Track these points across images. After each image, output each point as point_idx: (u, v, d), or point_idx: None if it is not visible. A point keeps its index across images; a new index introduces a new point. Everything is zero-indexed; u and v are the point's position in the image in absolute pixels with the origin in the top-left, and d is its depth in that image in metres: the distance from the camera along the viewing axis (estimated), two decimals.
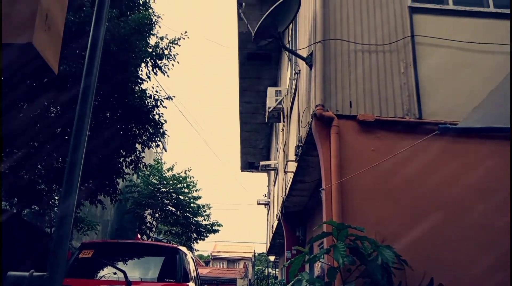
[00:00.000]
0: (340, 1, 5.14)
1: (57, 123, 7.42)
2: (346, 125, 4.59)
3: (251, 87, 12.94)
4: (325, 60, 4.83)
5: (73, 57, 6.82)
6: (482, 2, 5.18)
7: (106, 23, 2.50)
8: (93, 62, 2.27)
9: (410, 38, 4.95)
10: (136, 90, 8.07)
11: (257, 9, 9.84)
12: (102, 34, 2.34)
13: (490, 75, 4.61)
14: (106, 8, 2.41)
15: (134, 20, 7.31)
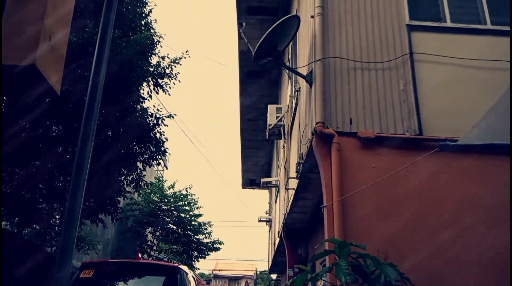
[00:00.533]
0: (339, 20, 5.21)
1: (59, 142, 7.45)
2: (347, 142, 4.61)
3: (252, 104, 13.01)
4: (324, 78, 4.88)
5: (75, 77, 6.89)
6: (479, 20, 5.25)
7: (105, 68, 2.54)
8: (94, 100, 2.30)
9: (408, 55, 5.00)
10: (138, 108, 8.13)
11: (257, 28, 9.97)
12: (102, 79, 2.38)
13: (489, 91, 4.64)
14: (107, 51, 2.45)
15: (136, 41, 7.41)
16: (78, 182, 2.00)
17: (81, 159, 2.03)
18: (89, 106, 2.19)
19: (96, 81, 2.33)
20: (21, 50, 3.00)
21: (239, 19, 9.64)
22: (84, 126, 2.14)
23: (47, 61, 3.17)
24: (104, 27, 2.45)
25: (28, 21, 3.09)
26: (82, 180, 2.02)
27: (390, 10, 5.27)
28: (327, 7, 5.27)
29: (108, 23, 2.45)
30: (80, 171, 2.01)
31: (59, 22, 3.40)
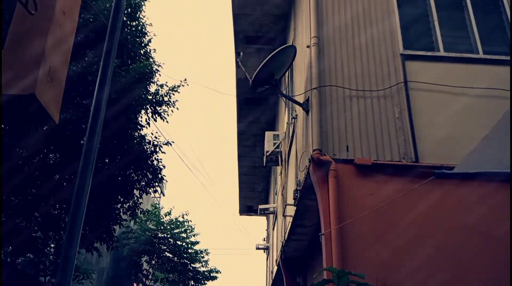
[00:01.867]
0: (334, 49, 5.32)
1: (56, 169, 7.44)
2: (344, 169, 4.62)
3: (249, 131, 13.07)
4: (321, 106, 4.94)
5: (73, 105, 6.96)
6: (472, 49, 5.37)
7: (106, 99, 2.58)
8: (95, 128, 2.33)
9: (403, 84, 5.08)
10: (136, 136, 8.17)
11: (254, 56, 10.14)
12: (102, 115, 2.41)
13: (483, 118, 4.72)
14: (107, 89, 2.50)
15: (135, 70, 7.52)
16: (77, 216, 2.00)
17: (80, 193, 2.03)
18: (89, 141, 2.21)
19: (96, 118, 2.36)
20: (21, 80, 3.05)
21: (236, 48, 9.81)
22: (83, 160, 2.15)
23: (46, 90, 3.21)
24: (106, 61, 2.51)
25: (29, 51, 3.15)
26: (80, 214, 2.02)
27: (384, 40, 5.38)
28: (323, 37, 5.39)
29: (109, 58, 2.51)
30: (79, 205, 2.01)
31: (59, 53, 3.46)
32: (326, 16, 5.54)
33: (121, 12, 3.34)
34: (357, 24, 5.49)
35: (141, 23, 8.99)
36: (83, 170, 2.10)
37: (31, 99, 3.05)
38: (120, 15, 3.34)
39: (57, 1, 3.39)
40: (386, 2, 5.63)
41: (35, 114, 3.30)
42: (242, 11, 8.53)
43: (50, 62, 3.28)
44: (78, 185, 2.08)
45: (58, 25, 3.41)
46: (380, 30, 5.45)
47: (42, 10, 3.16)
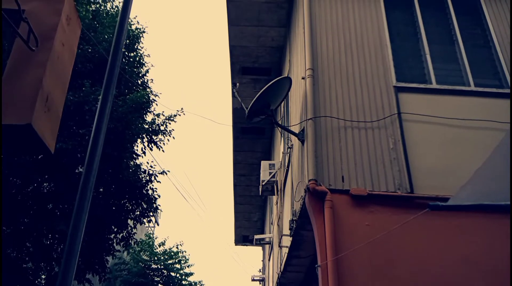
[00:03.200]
0: (329, 81, 5.41)
1: (50, 199, 7.37)
2: (340, 200, 4.61)
3: (245, 160, 13.08)
4: (316, 136, 4.98)
5: (69, 134, 6.97)
6: (463, 82, 5.48)
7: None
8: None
9: (397, 115, 5.15)
10: (131, 165, 8.16)
11: (250, 86, 10.27)
12: (100, 149, 2.44)
13: (476, 150, 4.79)
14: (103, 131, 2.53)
15: (132, 99, 7.59)
16: (73, 248, 1.98)
17: (76, 227, 2.02)
18: (86, 178, 2.21)
19: (92, 159, 2.37)
20: (19, 109, 3.06)
21: (233, 78, 9.95)
22: (79, 195, 2.14)
23: (43, 120, 3.23)
24: (104, 98, 2.54)
25: (27, 81, 3.18)
26: (76, 247, 2.00)
27: (377, 72, 5.50)
28: (317, 69, 5.49)
29: (109, 89, 2.55)
30: (75, 237, 2.00)
31: (57, 83, 3.50)
32: (320, 49, 5.67)
33: (120, 50, 3.41)
34: (351, 57, 5.62)
35: (139, 54, 9.15)
36: (79, 206, 2.09)
37: (27, 128, 3.06)
38: (119, 53, 3.40)
39: (56, 33, 3.46)
40: (378, 36, 5.78)
41: (30, 144, 3.30)
42: (238, 43, 8.71)
43: (48, 92, 3.31)
44: (74, 220, 2.06)
45: (56, 56, 3.46)
46: (373, 62, 5.57)
47: (42, 41, 3.22)
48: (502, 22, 6.02)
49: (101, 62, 8.04)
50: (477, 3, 6.19)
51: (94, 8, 9.49)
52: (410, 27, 5.95)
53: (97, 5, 9.65)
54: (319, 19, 5.94)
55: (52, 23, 3.50)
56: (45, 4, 3.57)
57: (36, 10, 3.48)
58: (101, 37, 8.41)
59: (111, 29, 8.73)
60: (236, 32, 8.41)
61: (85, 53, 8.04)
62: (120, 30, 3.43)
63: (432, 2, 6.16)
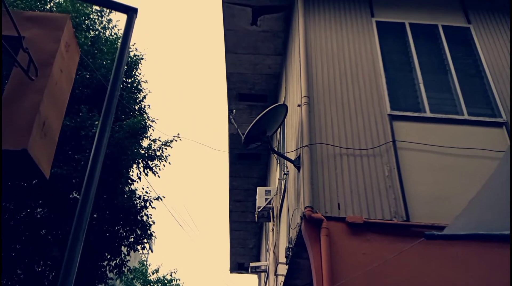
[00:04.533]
0: (324, 109, 5.47)
1: (43, 225, 7.27)
2: (336, 227, 4.58)
3: (241, 186, 13.02)
4: (312, 163, 4.99)
5: (64, 159, 6.95)
6: (457, 111, 5.55)
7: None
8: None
9: (391, 143, 5.19)
10: (126, 190, 8.10)
11: (247, 112, 10.35)
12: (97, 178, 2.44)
13: (470, 178, 4.81)
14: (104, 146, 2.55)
15: (129, 125, 7.62)
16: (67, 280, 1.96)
17: (70, 262, 1.99)
18: (81, 210, 2.20)
19: (89, 184, 2.37)
20: (15, 135, 3.06)
21: (229, 104, 10.03)
22: (75, 225, 2.13)
23: (39, 146, 3.22)
24: (104, 118, 2.56)
25: (24, 107, 3.19)
26: (71, 278, 1.97)
27: (372, 100, 5.57)
28: (313, 96, 5.56)
29: (109, 114, 2.57)
30: (69, 268, 1.97)
31: (54, 109, 3.52)
32: (316, 77, 5.76)
33: (119, 81, 3.45)
34: (346, 85, 5.70)
35: (136, 80, 9.24)
36: (75, 237, 2.07)
37: (23, 154, 3.05)
38: (118, 85, 3.43)
39: (55, 60, 3.49)
40: (372, 65, 5.89)
41: (25, 169, 3.29)
42: (235, 70, 8.83)
43: (45, 118, 3.32)
44: (69, 252, 2.04)
45: (55, 83, 3.49)
46: (368, 91, 5.65)
47: (40, 67, 3.25)
48: (493, 52, 6.16)
49: (99, 88, 8.11)
50: (468, 34, 6.35)
51: (93, 34, 9.64)
52: (403, 56, 6.07)
53: (96, 32, 9.81)
54: (315, 48, 6.06)
55: (51, 50, 3.54)
56: (44, 31, 3.62)
57: (35, 37, 3.53)
58: (99, 63, 8.50)
59: (109, 55, 8.84)
60: (233, 59, 8.54)
61: (83, 78, 8.12)
62: (120, 62, 3.47)
63: (424, 32, 6.31)
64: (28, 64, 3.01)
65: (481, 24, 6.49)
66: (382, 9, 6.54)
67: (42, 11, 8.90)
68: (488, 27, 6.48)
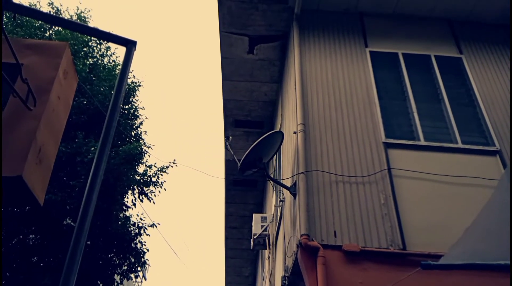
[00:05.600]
0: (320, 136, 5.51)
1: (35, 252, 7.15)
2: (332, 256, 4.54)
3: (237, 212, 12.93)
4: (308, 190, 4.98)
5: (59, 185, 6.90)
6: (451, 139, 5.60)
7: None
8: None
9: (387, 170, 5.21)
10: (120, 217, 8.02)
11: (243, 139, 10.39)
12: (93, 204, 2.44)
13: (465, 206, 4.82)
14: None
15: (125, 151, 7.62)
16: None
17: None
18: (76, 241, 2.19)
19: (85, 213, 2.36)
20: (10, 161, 3.05)
21: (226, 130, 10.08)
22: (67, 263, 2.10)
23: (34, 172, 3.21)
24: (101, 150, 2.57)
25: (20, 134, 3.19)
26: None
27: (367, 128, 5.62)
28: (309, 124, 5.61)
29: (105, 146, 2.58)
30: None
31: (50, 136, 3.52)
32: (311, 104, 5.83)
33: (117, 113, 3.48)
34: (341, 113, 5.76)
35: (133, 106, 9.30)
36: (68, 269, 2.05)
37: (17, 180, 3.03)
38: (115, 116, 3.46)
39: (53, 87, 3.51)
40: (367, 93, 5.97)
41: (19, 195, 3.26)
42: (232, 96, 8.93)
43: (41, 144, 3.32)
44: (63, 282, 2.01)
45: (52, 109, 3.50)
46: (363, 119, 5.71)
47: (38, 94, 3.27)
48: (485, 82, 6.28)
49: (96, 114, 8.15)
50: (460, 64, 6.48)
51: (91, 61, 9.76)
52: (397, 85, 6.16)
53: (95, 59, 9.93)
54: (310, 76, 6.16)
55: (49, 77, 3.57)
56: (43, 59, 3.65)
57: (34, 64, 3.56)
58: (96, 89, 8.57)
59: (107, 82, 8.93)
60: (230, 86, 8.65)
61: (80, 105, 8.16)
62: (118, 93, 3.50)
63: (417, 62, 6.43)
64: (27, 94, 3.03)
65: (473, 54, 6.64)
66: (376, 40, 6.70)
67: (42, 39, 9.03)
68: (479, 57, 6.62)
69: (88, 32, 4.30)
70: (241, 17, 7.21)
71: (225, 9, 7.09)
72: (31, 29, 8.94)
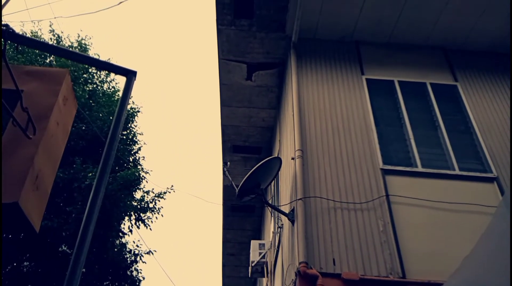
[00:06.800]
0: (318, 162, 5.52)
1: (29, 279, 7.02)
2: (331, 284, 4.46)
3: (234, 239, 12.78)
4: (306, 217, 4.95)
5: (56, 211, 6.84)
6: (448, 166, 5.61)
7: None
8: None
9: (385, 197, 5.19)
10: (116, 244, 7.92)
11: (241, 164, 10.39)
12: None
13: (463, 234, 4.79)
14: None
15: (123, 177, 7.60)
16: None
17: None
18: (72, 273, 2.16)
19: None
20: (7, 187, 3.03)
21: (224, 156, 10.09)
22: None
23: (30, 199, 3.18)
24: (101, 175, 2.57)
25: (18, 160, 3.18)
26: None
27: (364, 155, 5.63)
28: (306, 150, 5.63)
29: (105, 171, 2.58)
30: None
31: (48, 162, 3.51)
32: (309, 131, 5.86)
33: (116, 141, 3.49)
34: (338, 139, 5.79)
35: (132, 132, 9.33)
36: None
37: (14, 207, 3.01)
38: (114, 145, 3.47)
39: (52, 113, 3.53)
40: (364, 120, 6.02)
41: (15, 222, 3.23)
42: (230, 122, 8.98)
43: (38, 171, 3.31)
44: None
45: (50, 135, 3.51)
46: (360, 145, 5.73)
47: (37, 120, 3.28)
48: (481, 109, 6.34)
49: (94, 140, 8.17)
50: (456, 91, 6.56)
51: (91, 88, 9.85)
52: (393, 112, 6.22)
53: (94, 85, 10.02)
54: (307, 103, 6.22)
55: (49, 103, 3.58)
56: (43, 85, 3.67)
57: (34, 90, 3.58)
58: (95, 115, 8.62)
59: (106, 107, 8.98)
60: (228, 112, 8.71)
61: (79, 130, 8.19)
62: (117, 123, 3.52)
63: (413, 89, 6.51)
64: (27, 123, 3.04)
65: (468, 82, 6.74)
66: (372, 67, 6.80)
67: (42, 65, 9.14)
68: (474, 85, 6.72)
69: (89, 62, 4.36)
70: (239, 45, 7.34)
71: (224, 37, 7.22)
72: (32, 56, 9.06)
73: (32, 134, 3.06)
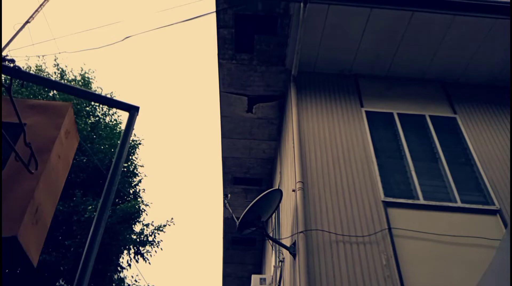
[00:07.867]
0: (319, 194, 5.48)
1: None
2: None
3: (235, 273, 12.55)
4: (308, 250, 4.88)
5: (54, 245, 6.75)
6: (450, 198, 5.57)
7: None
8: None
9: (387, 230, 5.13)
10: (115, 279, 7.77)
11: (241, 196, 10.33)
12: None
13: (467, 268, 4.69)
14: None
15: (122, 210, 7.54)
16: None
17: None
18: None
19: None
20: (6, 220, 3.00)
21: (224, 188, 10.05)
22: None
23: (29, 233, 3.15)
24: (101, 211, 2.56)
25: (18, 193, 3.17)
26: None
27: (365, 187, 5.61)
28: (307, 182, 5.61)
29: (105, 207, 2.58)
30: None
31: (48, 196, 3.50)
32: (310, 162, 5.86)
33: (117, 176, 3.51)
34: (339, 171, 5.78)
35: (133, 164, 9.34)
36: None
37: (12, 241, 2.98)
38: (116, 180, 3.49)
39: (54, 146, 3.55)
40: (364, 152, 6.03)
41: (13, 256, 3.19)
42: (231, 154, 9.00)
43: (38, 204, 3.29)
44: None
45: (51, 169, 3.51)
46: (361, 177, 5.71)
47: (38, 153, 3.29)
48: (481, 141, 6.36)
49: (95, 172, 8.16)
50: (455, 124, 6.60)
51: (93, 120, 9.93)
52: (394, 144, 6.23)
53: (97, 117, 10.11)
54: (308, 135, 6.25)
55: (51, 136, 3.60)
56: (46, 118, 3.71)
57: (36, 124, 3.61)
58: (97, 148, 8.65)
59: (108, 140, 9.03)
60: (229, 144, 8.75)
61: (80, 163, 8.20)
62: (119, 158, 3.54)
63: (412, 121, 6.56)
64: (29, 157, 3.06)
65: (467, 114, 6.79)
66: (371, 100, 6.88)
67: (45, 98, 9.26)
68: (473, 117, 6.77)
69: (92, 98, 4.43)
70: (240, 78, 7.46)
71: (225, 70, 7.34)
72: (35, 89, 9.19)
73: (34, 169, 3.06)
